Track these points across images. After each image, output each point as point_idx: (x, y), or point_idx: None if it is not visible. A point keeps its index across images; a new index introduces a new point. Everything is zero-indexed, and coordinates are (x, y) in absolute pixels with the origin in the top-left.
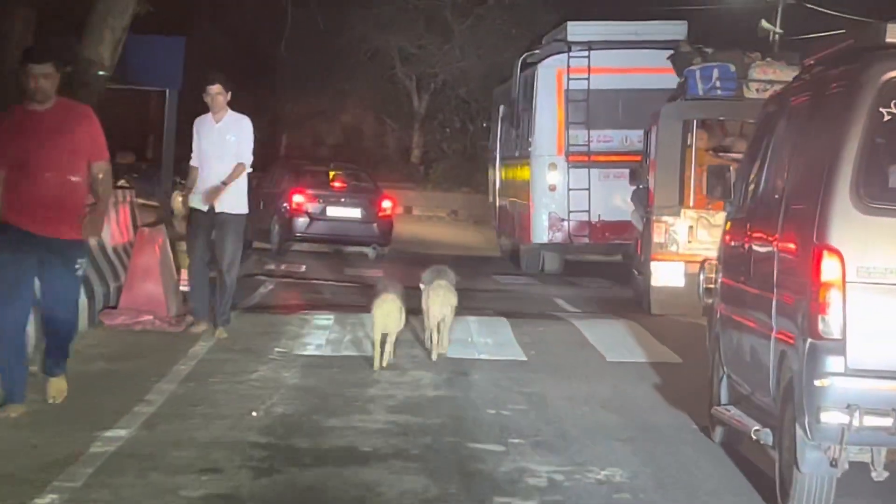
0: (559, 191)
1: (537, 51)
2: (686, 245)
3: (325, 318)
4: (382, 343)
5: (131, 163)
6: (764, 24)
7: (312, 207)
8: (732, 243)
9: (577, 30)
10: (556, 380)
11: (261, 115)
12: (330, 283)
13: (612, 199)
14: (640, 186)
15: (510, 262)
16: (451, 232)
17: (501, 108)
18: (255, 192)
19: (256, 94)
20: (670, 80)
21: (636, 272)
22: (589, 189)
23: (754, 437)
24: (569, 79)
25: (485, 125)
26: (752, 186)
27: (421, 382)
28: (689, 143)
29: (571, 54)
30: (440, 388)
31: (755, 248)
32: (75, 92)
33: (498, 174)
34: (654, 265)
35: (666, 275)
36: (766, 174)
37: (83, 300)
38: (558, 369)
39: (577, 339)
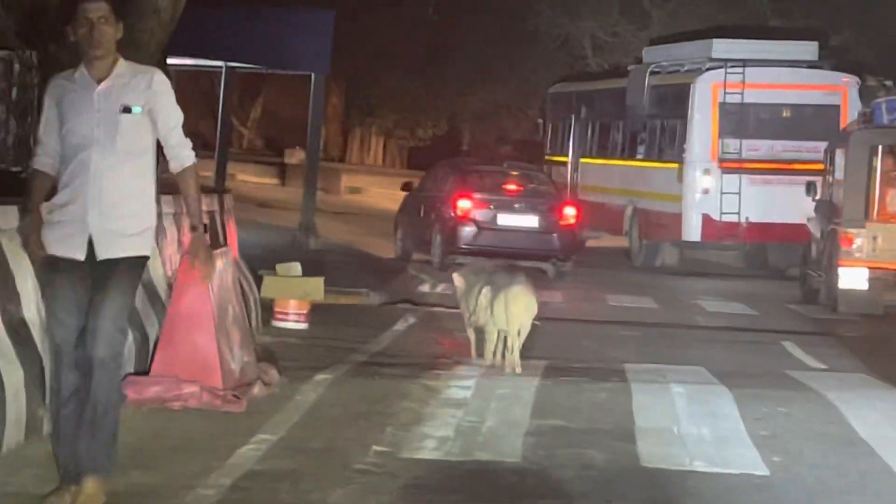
0: (712, 194)
1: (664, 62)
2: (870, 253)
3: (462, 387)
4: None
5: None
6: None
7: (481, 215)
8: None
9: (721, 47)
10: None
11: (439, 107)
12: None
13: (760, 202)
14: (823, 199)
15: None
16: None
17: (583, 108)
18: (413, 195)
19: (432, 85)
20: (810, 97)
21: (812, 272)
22: (739, 193)
23: None
24: (725, 92)
25: (540, 121)
26: None
27: None
28: (874, 165)
29: (728, 70)
30: None
31: None
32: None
33: (578, 171)
34: (841, 270)
35: (852, 279)
36: None
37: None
38: (823, 501)
39: (840, 430)
